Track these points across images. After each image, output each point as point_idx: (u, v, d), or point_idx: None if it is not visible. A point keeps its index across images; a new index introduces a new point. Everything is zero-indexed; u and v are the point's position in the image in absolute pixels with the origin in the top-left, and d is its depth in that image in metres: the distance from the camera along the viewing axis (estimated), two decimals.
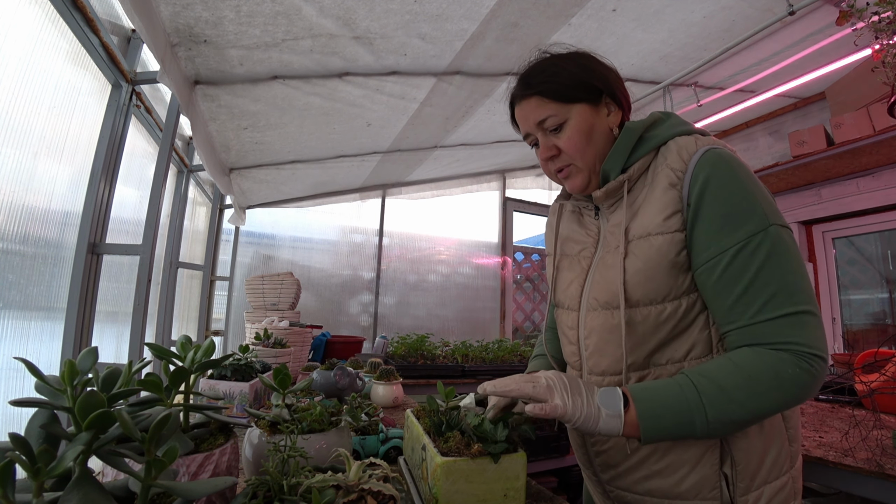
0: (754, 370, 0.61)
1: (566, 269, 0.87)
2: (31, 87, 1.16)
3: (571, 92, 0.78)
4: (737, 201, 0.66)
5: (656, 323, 0.72)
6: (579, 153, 0.78)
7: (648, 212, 0.73)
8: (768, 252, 0.63)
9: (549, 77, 0.79)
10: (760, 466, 0.71)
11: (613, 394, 0.65)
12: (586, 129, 0.78)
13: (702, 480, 0.72)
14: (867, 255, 2.93)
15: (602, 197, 0.80)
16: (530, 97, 0.80)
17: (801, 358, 0.61)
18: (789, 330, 0.62)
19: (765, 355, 0.62)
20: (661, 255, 0.70)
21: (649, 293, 0.71)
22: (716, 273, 0.66)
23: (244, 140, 2.22)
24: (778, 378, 0.60)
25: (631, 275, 0.72)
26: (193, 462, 0.50)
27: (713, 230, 0.67)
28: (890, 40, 1.70)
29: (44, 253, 1.29)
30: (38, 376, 0.42)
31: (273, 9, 1.39)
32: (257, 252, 3.27)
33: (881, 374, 1.57)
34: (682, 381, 0.65)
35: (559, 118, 0.78)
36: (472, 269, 3.98)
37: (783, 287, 0.62)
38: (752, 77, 2.60)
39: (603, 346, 0.77)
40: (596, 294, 0.78)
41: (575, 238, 0.88)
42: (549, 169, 0.83)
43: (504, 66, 2.11)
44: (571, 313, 0.84)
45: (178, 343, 0.60)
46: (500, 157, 3.63)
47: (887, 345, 2.29)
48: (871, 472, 1.09)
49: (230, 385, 1.10)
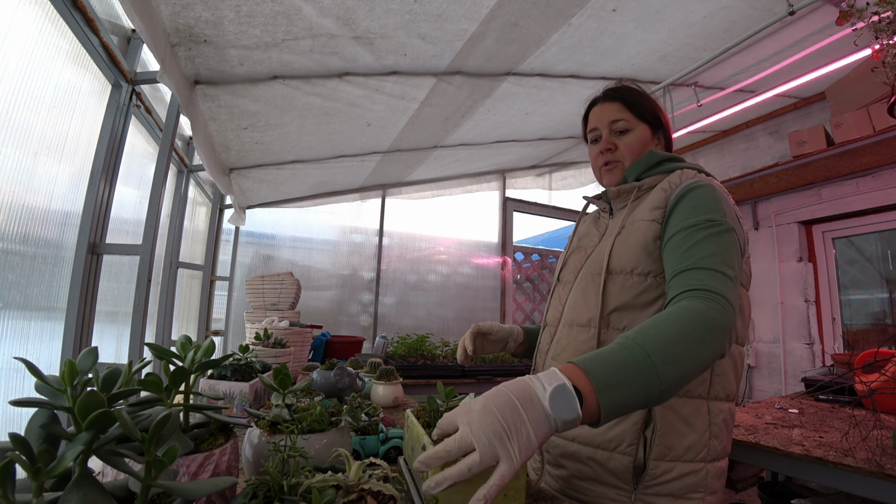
0: (686, 319, 0.64)
1: (574, 255, 1.05)
2: (31, 87, 1.16)
3: (644, 113, 1.00)
4: (706, 203, 0.81)
5: (622, 287, 0.87)
6: (630, 156, 0.99)
7: (643, 207, 0.92)
8: (719, 234, 0.77)
9: (635, 97, 1.01)
10: (678, 442, 0.81)
11: (564, 393, 0.53)
12: (642, 142, 0.99)
13: (622, 434, 0.82)
14: (867, 255, 2.93)
15: (615, 193, 1.00)
16: (614, 101, 1.00)
17: (720, 304, 0.67)
18: (716, 282, 0.70)
19: (692, 304, 0.67)
20: (640, 233, 0.87)
21: (623, 264, 0.88)
22: (675, 240, 0.80)
23: (244, 140, 2.22)
24: (705, 323, 0.64)
25: (615, 248, 0.91)
26: (193, 462, 0.50)
27: (681, 216, 0.82)
28: (890, 40, 1.70)
29: (44, 253, 1.29)
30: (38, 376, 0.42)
31: (273, 9, 1.39)
32: (257, 252, 3.27)
33: (881, 374, 1.57)
34: (622, 342, 0.60)
35: (628, 125, 0.99)
36: (472, 269, 3.98)
37: (722, 255, 0.74)
38: (752, 77, 2.60)
39: (580, 302, 0.94)
40: (589, 267, 0.97)
41: (589, 233, 1.08)
42: (599, 160, 1.02)
43: (504, 66, 2.11)
44: (567, 284, 1.02)
45: (178, 343, 0.60)
46: (500, 157, 3.63)
47: (887, 345, 2.29)
48: (871, 472, 1.09)
49: (230, 385, 1.10)
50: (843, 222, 2.96)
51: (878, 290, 2.85)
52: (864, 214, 2.83)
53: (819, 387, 1.91)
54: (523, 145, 3.38)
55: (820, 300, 3.09)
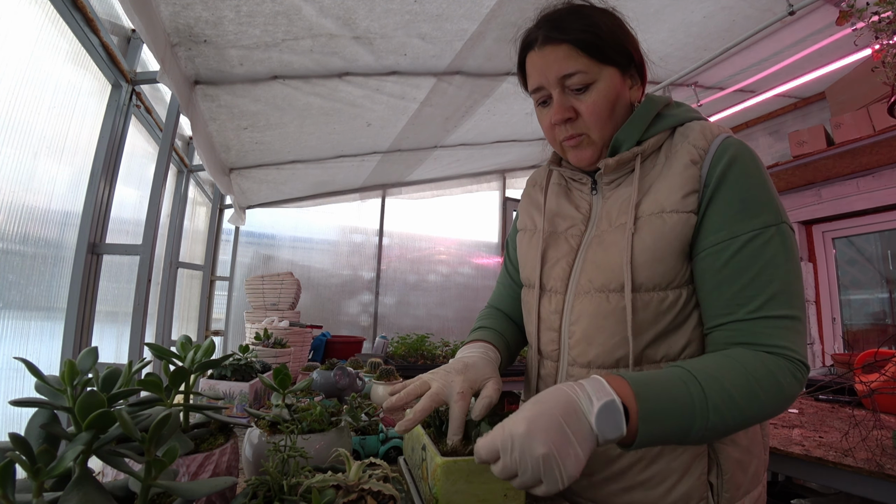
0: (757, 374, 0.56)
1: (551, 246, 0.78)
2: (31, 87, 1.16)
3: (608, 51, 0.67)
4: (756, 190, 0.63)
5: (657, 312, 0.65)
6: (599, 123, 0.69)
7: (664, 188, 0.67)
8: (777, 248, 0.61)
9: (587, 27, 0.67)
10: (745, 475, 0.69)
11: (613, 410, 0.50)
12: (612, 97, 0.68)
13: (689, 491, 0.66)
14: (867, 255, 2.93)
15: (613, 166, 0.70)
16: (559, 44, 0.67)
17: (795, 366, 0.58)
18: (785, 334, 0.59)
19: (764, 358, 0.58)
20: (674, 234, 0.64)
21: (655, 276, 0.65)
22: (723, 257, 0.62)
23: (244, 140, 2.22)
24: (777, 385, 0.56)
25: (637, 254, 0.65)
26: (193, 462, 0.50)
27: (729, 213, 0.62)
28: (890, 40, 1.70)
29: (44, 253, 1.29)
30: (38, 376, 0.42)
31: (273, 9, 1.39)
32: (257, 252, 3.27)
33: (881, 374, 1.57)
34: (685, 377, 0.55)
35: (588, 77, 0.67)
36: (472, 269, 3.98)
37: (785, 288, 0.60)
38: (752, 77, 2.60)
39: (593, 335, 0.69)
40: (590, 276, 0.70)
41: (563, 213, 0.79)
42: (555, 134, 0.73)
43: (504, 66, 2.10)
44: (555, 296, 0.75)
45: (178, 343, 0.60)
46: (500, 157, 3.63)
47: (887, 345, 2.29)
48: (871, 472, 1.09)
49: (230, 385, 1.09)
50: (843, 222, 2.96)
51: (878, 290, 2.85)
52: (864, 214, 2.83)
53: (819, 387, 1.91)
54: (523, 145, 3.37)
55: (820, 300, 3.08)
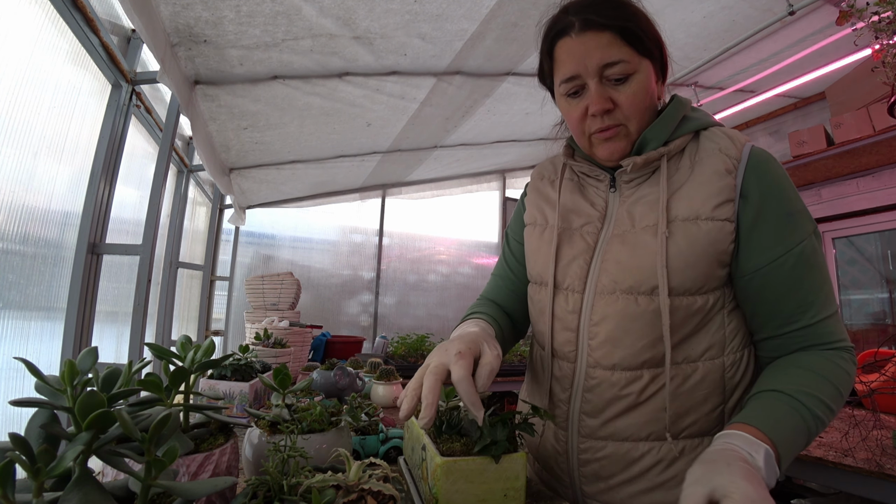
0: (835, 376, 0.61)
1: (565, 243, 0.76)
2: (31, 87, 1.16)
3: (647, 42, 0.66)
4: (796, 202, 0.66)
5: (685, 315, 0.66)
6: (638, 115, 0.67)
7: (696, 195, 0.66)
8: (819, 252, 0.65)
9: (629, 16, 0.65)
10: None
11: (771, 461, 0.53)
12: (651, 90, 0.67)
13: None
14: (867, 255, 2.93)
15: (641, 164, 0.69)
16: (602, 31, 0.64)
17: (850, 353, 0.64)
18: (838, 328, 0.65)
19: (832, 356, 0.63)
20: (709, 242, 0.65)
21: (686, 282, 0.65)
22: (783, 272, 0.64)
23: (244, 140, 2.22)
24: (847, 377, 0.62)
25: (671, 258, 0.65)
26: (193, 462, 0.50)
27: (780, 230, 0.64)
28: (890, 40, 1.70)
29: (44, 253, 1.29)
30: (38, 376, 0.42)
31: (273, 9, 1.39)
32: (257, 252, 3.27)
33: (881, 374, 1.57)
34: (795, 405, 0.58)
35: (630, 67, 0.65)
36: (473, 269, 3.98)
37: (829, 286, 0.66)
38: (752, 77, 2.60)
39: (619, 337, 0.67)
40: (613, 276, 0.68)
41: (577, 209, 0.78)
42: (587, 126, 0.69)
43: (504, 66, 2.11)
44: (573, 295, 0.73)
45: (178, 343, 0.60)
46: (500, 157, 3.63)
47: (887, 345, 2.29)
48: (871, 472, 1.09)
49: (230, 385, 1.09)
50: (843, 222, 2.96)
51: (878, 290, 2.85)
52: (864, 214, 2.83)
53: None
54: (523, 145, 3.37)
55: None
